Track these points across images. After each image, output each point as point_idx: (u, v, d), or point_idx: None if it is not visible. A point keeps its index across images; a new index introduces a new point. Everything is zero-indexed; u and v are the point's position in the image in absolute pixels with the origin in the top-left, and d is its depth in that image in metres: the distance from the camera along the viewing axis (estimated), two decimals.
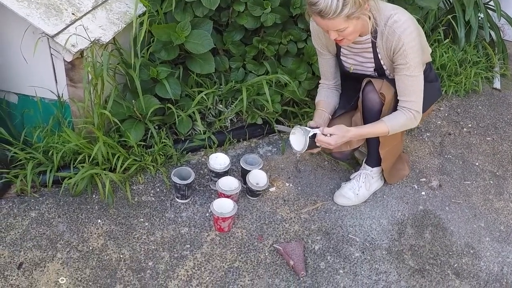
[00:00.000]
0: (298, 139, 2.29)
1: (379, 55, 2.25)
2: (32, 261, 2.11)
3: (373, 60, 2.28)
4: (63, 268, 2.09)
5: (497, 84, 3.51)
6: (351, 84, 2.45)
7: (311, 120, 2.41)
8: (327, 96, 2.48)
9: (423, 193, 2.62)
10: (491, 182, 2.73)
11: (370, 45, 2.23)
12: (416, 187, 2.64)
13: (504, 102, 3.41)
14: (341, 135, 2.23)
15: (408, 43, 2.12)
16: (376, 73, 2.34)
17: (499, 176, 2.78)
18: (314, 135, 2.24)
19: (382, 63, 2.27)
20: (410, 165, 2.74)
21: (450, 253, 2.34)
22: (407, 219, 2.47)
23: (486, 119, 3.22)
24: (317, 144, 2.25)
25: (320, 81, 2.54)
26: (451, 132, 3.05)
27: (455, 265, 2.30)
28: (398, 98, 2.25)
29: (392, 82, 2.27)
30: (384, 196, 2.57)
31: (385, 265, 2.26)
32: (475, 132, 3.09)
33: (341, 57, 2.38)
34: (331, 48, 2.38)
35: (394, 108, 2.28)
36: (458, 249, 2.37)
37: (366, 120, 2.35)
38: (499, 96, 3.48)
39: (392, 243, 2.35)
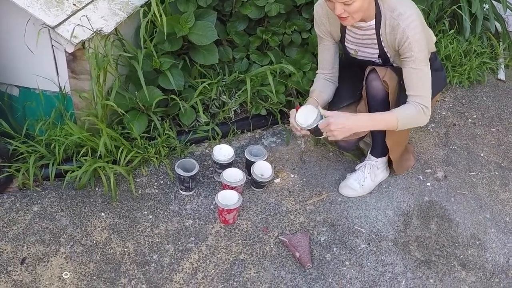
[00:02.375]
0: (307, 113, 2.20)
1: (382, 43, 2.22)
2: (35, 256, 2.09)
3: (377, 46, 2.26)
4: (67, 263, 2.07)
5: (501, 75, 3.48)
6: (356, 73, 2.42)
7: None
8: (322, 86, 2.45)
9: (428, 184, 2.60)
10: (496, 173, 2.72)
11: (374, 31, 2.21)
12: (421, 178, 2.63)
13: (508, 93, 3.38)
14: (343, 123, 2.13)
15: (413, 36, 2.09)
16: (380, 60, 2.32)
17: (504, 167, 2.76)
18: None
19: (385, 50, 2.25)
20: (415, 155, 2.72)
21: (456, 245, 2.33)
22: (412, 210, 2.45)
23: (491, 110, 3.19)
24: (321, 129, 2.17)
25: (317, 71, 2.51)
26: (456, 123, 3.03)
27: (461, 257, 2.28)
28: (406, 92, 2.21)
29: (396, 70, 2.25)
30: (390, 187, 2.55)
31: (391, 257, 2.24)
32: (480, 123, 3.06)
33: (346, 43, 2.35)
34: (335, 34, 2.35)
35: (399, 97, 2.25)
36: (464, 240, 2.35)
37: (370, 108, 2.33)
38: (503, 87, 3.45)
39: (398, 235, 2.34)
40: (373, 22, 2.18)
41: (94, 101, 2.30)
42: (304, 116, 2.21)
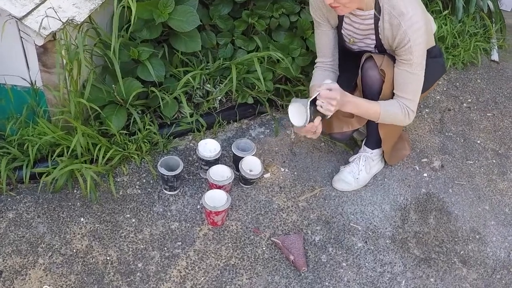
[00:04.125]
0: (298, 111, 2.08)
1: (380, 35, 2.07)
2: (12, 268, 1.93)
3: (374, 37, 2.10)
4: (46, 275, 1.91)
5: (495, 56, 3.37)
6: (351, 63, 2.26)
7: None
8: (322, 79, 2.25)
9: (425, 174, 2.48)
10: (494, 161, 2.61)
11: (372, 21, 2.05)
12: (417, 168, 2.51)
13: (503, 75, 3.28)
14: (340, 94, 2.03)
15: (415, 40, 1.95)
16: (376, 50, 2.16)
17: (501, 154, 2.66)
18: (315, 100, 2.03)
19: (382, 42, 2.09)
20: (411, 144, 2.60)
21: (456, 240, 2.23)
22: (410, 203, 2.34)
23: (486, 93, 3.08)
24: (320, 105, 2.02)
25: (316, 61, 2.34)
26: (451, 108, 2.91)
27: (461, 252, 2.19)
28: (395, 91, 2.09)
29: (394, 58, 2.10)
30: (385, 179, 2.43)
31: (389, 256, 2.14)
32: (475, 107, 2.95)
33: (342, 31, 2.19)
34: (332, 21, 2.18)
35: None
36: (463, 234, 2.26)
37: (365, 98, 2.18)
38: (497, 68, 3.34)
39: (395, 231, 2.23)
40: (372, 11, 2.01)
41: (67, 98, 2.11)
42: (297, 114, 2.09)
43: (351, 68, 2.25)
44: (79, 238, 2.04)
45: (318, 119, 2.08)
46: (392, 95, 2.12)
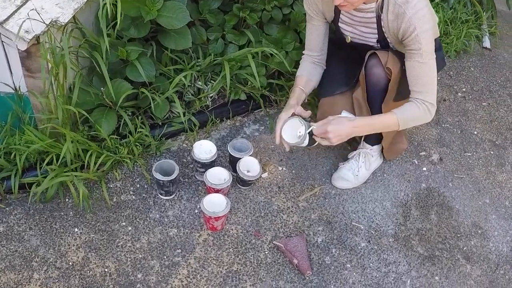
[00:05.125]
0: (291, 129, 2.06)
1: (383, 28, 1.99)
2: (7, 285, 1.83)
3: (376, 31, 2.03)
4: None
5: (487, 43, 3.33)
6: (351, 56, 2.19)
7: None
8: (309, 72, 2.23)
9: (424, 168, 2.44)
10: (492, 152, 2.59)
11: (374, 15, 1.97)
12: (416, 162, 2.47)
13: (495, 62, 3.24)
14: (342, 130, 1.98)
15: (421, 27, 1.87)
16: (378, 45, 2.09)
17: (499, 145, 2.63)
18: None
19: (386, 36, 2.02)
20: (408, 137, 2.55)
21: (458, 235, 2.20)
22: (410, 199, 2.30)
23: (480, 82, 3.04)
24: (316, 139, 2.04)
25: (303, 52, 2.28)
26: (446, 98, 2.86)
27: (464, 248, 2.16)
28: (410, 88, 2.00)
29: (399, 54, 2.03)
30: (385, 175, 2.39)
31: (393, 255, 2.10)
32: (470, 97, 2.91)
33: (340, 24, 2.11)
34: (327, 14, 2.11)
35: (402, 85, 2.05)
36: (465, 230, 2.23)
37: (369, 98, 2.12)
38: (490, 56, 3.30)
39: (398, 228, 2.18)
40: (374, 4, 1.94)
41: (54, 103, 2.00)
42: (290, 131, 2.06)
43: (350, 59, 2.18)
44: (74, 249, 1.95)
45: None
46: (397, 94, 2.06)
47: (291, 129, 2.06)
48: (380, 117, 2.03)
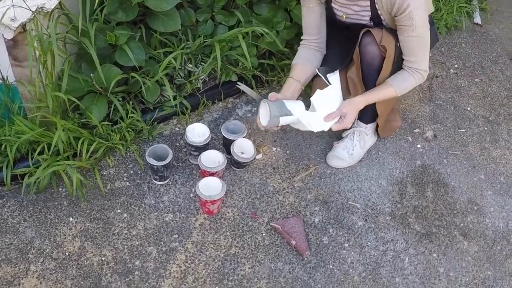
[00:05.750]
0: (266, 112, 2.04)
1: (376, 5, 1.97)
2: (4, 279, 1.81)
3: (369, 8, 2.00)
4: (41, 283, 1.81)
5: (477, 19, 3.31)
6: (344, 35, 2.16)
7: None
8: (306, 58, 2.20)
9: (418, 145, 2.44)
10: (485, 128, 2.58)
11: None
12: (410, 139, 2.46)
13: (487, 38, 3.23)
14: (353, 112, 2.04)
15: (414, 4, 1.86)
16: (372, 22, 2.06)
17: (492, 121, 2.62)
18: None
19: (379, 13, 2.00)
20: (401, 114, 2.53)
21: (455, 212, 2.20)
22: (406, 177, 2.29)
23: (472, 58, 3.03)
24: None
25: (301, 37, 2.24)
26: (438, 75, 2.85)
27: (461, 225, 2.16)
28: (404, 57, 2.02)
29: (393, 32, 2.01)
30: (379, 153, 2.38)
31: (390, 233, 2.09)
32: (463, 73, 2.90)
33: (333, 4, 2.08)
34: None
35: (396, 63, 2.03)
36: (461, 206, 2.23)
37: (364, 77, 2.10)
38: (481, 32, 3.28)
39: (394, 206, 2.18)
40: None
41: (43, 92, 1.95)
42: (264, 114, 2.05)
43: (343, 38, 2.16)
44: (70, 239, 1.93)
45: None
46: (392, 72, 2.04)
47: (265, 112, 2.05)
48: (378, 90, 2.07)
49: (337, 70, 2.12)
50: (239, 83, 2.25)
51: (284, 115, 1.99)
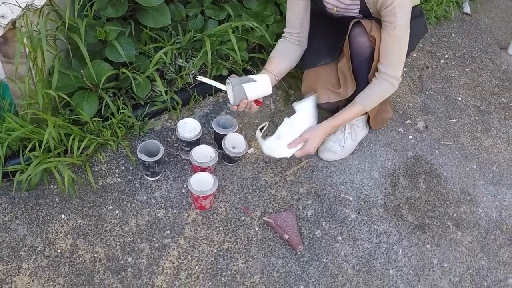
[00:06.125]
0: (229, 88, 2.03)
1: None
2: None
3: (358, 2, 1.99)
4: (33, 281, 1.80)
5: (467, 8, 3.31)
6: (334, 26, 2.15)
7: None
8: (283, 52, 2.18)
9: (410, 137, 2.44)
10: (477, 118, 2.58)
11: None
12: (402, 131, 2.46)
13: (476, 28, 3.23)
14: (316, 138, 2.05)
15: (400, 1, 1.84)
16: (361, 15, 2.06)
17: (483, 110, 2.63)
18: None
19: (368, 6, 1.99)
20: (392, 106, 2.53)
21: (448, 203, 2.21)
22: (398, 168, 2.30)
23: (462, 47, 3.03)
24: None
25: (284, 30, 2.23)
26: (429, 65, 2.85)
27: (454, 215, 2.17)
28: (379, 59, 2.00)
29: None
30: (371, 145, 2.38)
31: (384, 225, 2.10)
32: (453, 63, 2.90)
33: None
34: None
35: None
36: (454, 197, 2.23)
37: (355, 68, 2.09)
38: (470, 21, 3.28)
39: (387, 198, 2.18)
40: None
41: (34, 89, 1.94)
42: (231, 93, 2.03)
43: (333, 29, 2.15)
44: (62, 237, 1.92)
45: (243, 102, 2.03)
46: None
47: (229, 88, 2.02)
48: (345, 111, 2.08)
49: (312, 95, 2.14)
50: (198, 76, 2.14)
51: (246, 82, 1.98)
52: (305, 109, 2.10)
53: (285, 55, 2.18)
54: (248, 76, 2.01)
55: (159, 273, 1.86)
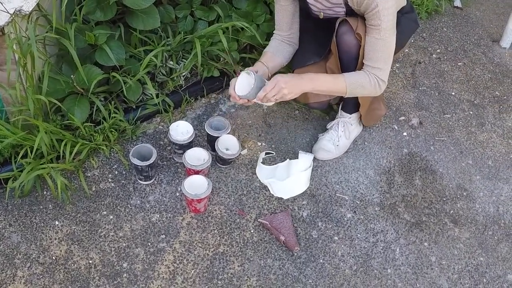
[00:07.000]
0: (246, 82, 1.99)
1: (349, 2, 1.94)
2: None
3: (343, 6, 1.98)
4: None
5: (457, 2, 3.30)
6: (321, 26, 2.13)
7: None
8: (276, 49, 2.19)
9: (404, 133, 2.42)
10: (471, 112, 2.57)
11: None
12: (396, 127, 2.45)
13: (467, 21, 3.21)
14: (288, 82, 1.93)
15: (384, 4, 1.82)
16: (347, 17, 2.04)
17: (477, 105, 2.62)
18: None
19: (353, 9, 1.97)
20: (386, 103, 2.52)
21: (444, 199, 2.19)
22: (393, 166, 2.28)
23: (453, 42, 3.01)
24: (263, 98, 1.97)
25: (273, 31, 2.23)
26: (421, 60, 2.83)
27: (451, 212, 2.15)
28: (364, 61, 1.98)
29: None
30: (365, 143, 2.36)
31: (380, 223, 2.08)
32: (445, 57, 2.88)
33: (308, 0, 2.06)
34: None
35: None
36: (451, 193, 2.22)
37: (343, 66, 2.07)
38: (461, 15, 3.26)
39: (383, 196, 2.17)
40: None
41: (25, 95, 1.91)
42: (242, 85, 1.98)
43: (321, 29, 2.13)
44: (57, 243, 1.90)
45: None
46: None
47: (245, 83, 1.99)
48: (330, 76, 2.02)
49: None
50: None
51: (260, 83, 1.97)
52: (309, 162, 2.21)
53: (279, 50, 2.19)
54: (261, 76, 2.01)
55: (155, 278, 1.84)
